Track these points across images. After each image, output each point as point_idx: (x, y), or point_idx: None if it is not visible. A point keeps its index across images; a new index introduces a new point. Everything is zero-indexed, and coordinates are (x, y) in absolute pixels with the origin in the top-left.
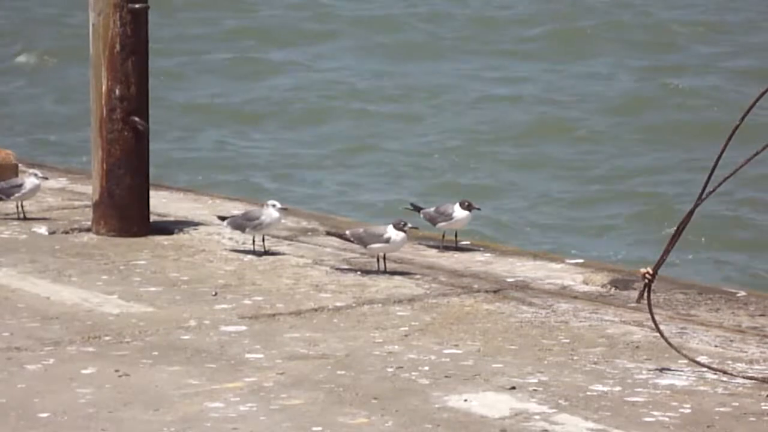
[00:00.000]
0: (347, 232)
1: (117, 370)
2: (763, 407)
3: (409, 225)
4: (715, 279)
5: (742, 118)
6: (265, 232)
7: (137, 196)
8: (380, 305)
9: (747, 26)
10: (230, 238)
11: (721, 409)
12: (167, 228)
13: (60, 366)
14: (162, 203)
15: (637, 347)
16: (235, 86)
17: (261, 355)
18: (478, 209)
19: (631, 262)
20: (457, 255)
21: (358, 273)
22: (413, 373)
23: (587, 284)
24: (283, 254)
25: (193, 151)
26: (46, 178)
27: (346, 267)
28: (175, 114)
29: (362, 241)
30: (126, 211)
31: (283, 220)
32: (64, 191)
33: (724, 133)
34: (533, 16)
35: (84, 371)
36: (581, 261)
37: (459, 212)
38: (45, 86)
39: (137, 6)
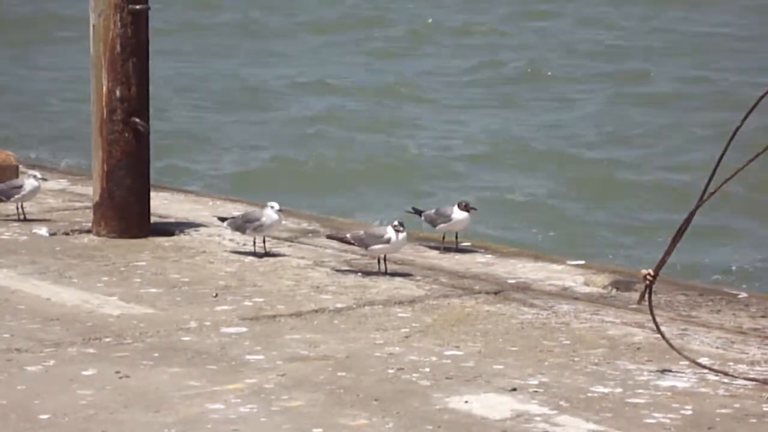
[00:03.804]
0: (347, 235)
1: (117, 372)
2: (765, 409)
3: (403, 225)
4: (716, 280)
5: (743, 120)
6: (266, 233)
7: (138, 198)
8: (381, 306)
9: None
10: (231, 240)
11: (723, 410)
12: (168, 229)
13: (60, 367)
14: (163, 204)
15: (638, 349)
16: None
17: (261, 357)
18: (475, 209)
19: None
20: (458, 256)
21: (359, 274)
22: (414, 375)
23: (588, 285)
24: (284, 255)
25: None
26: (46, 179)
27: (347, 268)
28: None
29: (363, 242)
30: (126, 212)
31: (283, 222)
32: (64, 192)
33: None
34: None
35: (84, 373)
36: (582, 262)
37: (458, 213)
38: None
39: (138, 7)
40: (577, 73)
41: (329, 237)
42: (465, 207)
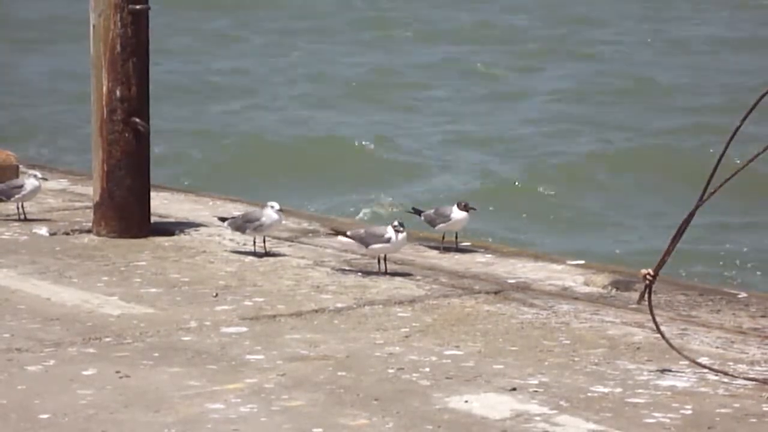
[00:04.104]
0: (348, 233)
1: (117, 372)
2: (764, 408)
3: (403, 225)
4: (716, 280)
5: (743, 120)
6: (266, 233)
7: (138, 197)
8: (381, 306)
9: None
10: (231, 240)
11: (722, 410)
12: (168, 229)
13: (60, 367)
14: (163, 204)
15: (638, 348)
16: None
17: (262, 357)
18: (474, 209)
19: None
20: (458, 256)
21: (359, 274)
22: (414, 374)
23: (588, 285)
24: (284, 255)
25: None
26: (46, 179)
27: (347, 268)
28: None
29: (363, 241)
30: (126, 212)
31: (283, 222)
32: (64, 192)
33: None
34: None
35: (84, 372)
36: (582, 262)
37: (456, 213)
38: None
39: (138, 7)
40: (570, 71)
41: (331, 233)
42: (464, 207)
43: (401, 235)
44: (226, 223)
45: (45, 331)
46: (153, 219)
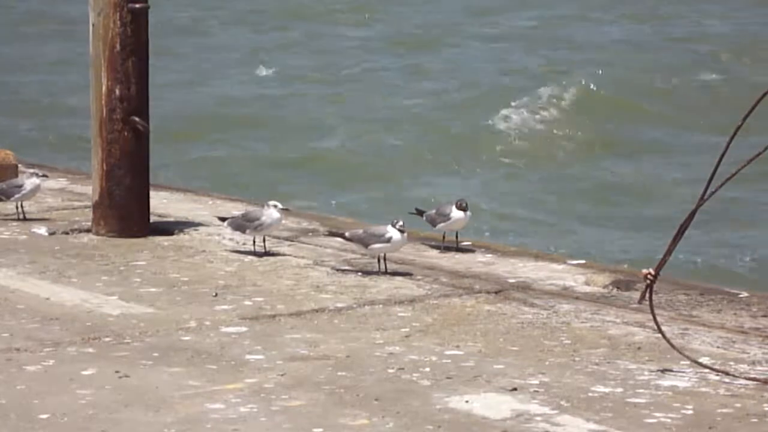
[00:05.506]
0: (347, 234)
1: (117, 371)
2: (766, 408)
3: (403, 224)
4: (717, 280)
5: (744, 118)
6: (266, 232)
7: (137, 197)
8: (381, 306)
9: None
10: (230, 239)
11: (723, 410)
12: (167, 229)
13: (60, 367)
14: (162, 204)
15: (639, 348)
16: None
17: (261, 356)
18: (465, 209)
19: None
20: (458, 256)
21: (359, 274)
22: (414, 374)
23: (589, 285)
24: (284, 255)
25: None
26: (47, 176)
27: (347, 268)
28: None
29: (362, 241)
30: (126, 211)
31: (283, 221)
32: (64, 192)
33: None
34: None
35: (84, 372)
36: (583, 262)
37: (456, 213)
38: None
39: (137, 6)
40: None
41: (330, 233)
42: (463, 206)
43: (401, 235)
44: (225, 223)
45: (44, 331)
46: (152, 218)
